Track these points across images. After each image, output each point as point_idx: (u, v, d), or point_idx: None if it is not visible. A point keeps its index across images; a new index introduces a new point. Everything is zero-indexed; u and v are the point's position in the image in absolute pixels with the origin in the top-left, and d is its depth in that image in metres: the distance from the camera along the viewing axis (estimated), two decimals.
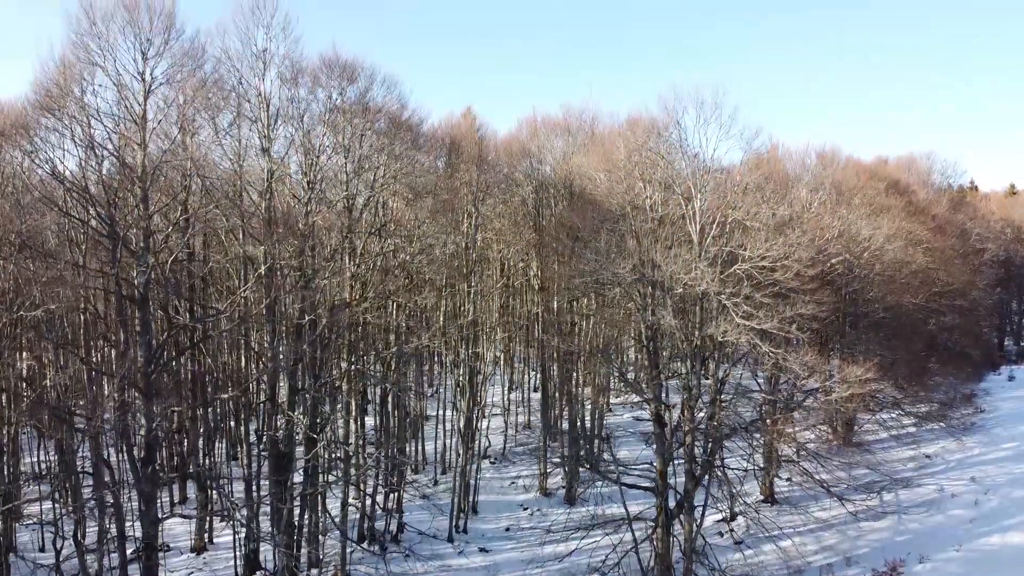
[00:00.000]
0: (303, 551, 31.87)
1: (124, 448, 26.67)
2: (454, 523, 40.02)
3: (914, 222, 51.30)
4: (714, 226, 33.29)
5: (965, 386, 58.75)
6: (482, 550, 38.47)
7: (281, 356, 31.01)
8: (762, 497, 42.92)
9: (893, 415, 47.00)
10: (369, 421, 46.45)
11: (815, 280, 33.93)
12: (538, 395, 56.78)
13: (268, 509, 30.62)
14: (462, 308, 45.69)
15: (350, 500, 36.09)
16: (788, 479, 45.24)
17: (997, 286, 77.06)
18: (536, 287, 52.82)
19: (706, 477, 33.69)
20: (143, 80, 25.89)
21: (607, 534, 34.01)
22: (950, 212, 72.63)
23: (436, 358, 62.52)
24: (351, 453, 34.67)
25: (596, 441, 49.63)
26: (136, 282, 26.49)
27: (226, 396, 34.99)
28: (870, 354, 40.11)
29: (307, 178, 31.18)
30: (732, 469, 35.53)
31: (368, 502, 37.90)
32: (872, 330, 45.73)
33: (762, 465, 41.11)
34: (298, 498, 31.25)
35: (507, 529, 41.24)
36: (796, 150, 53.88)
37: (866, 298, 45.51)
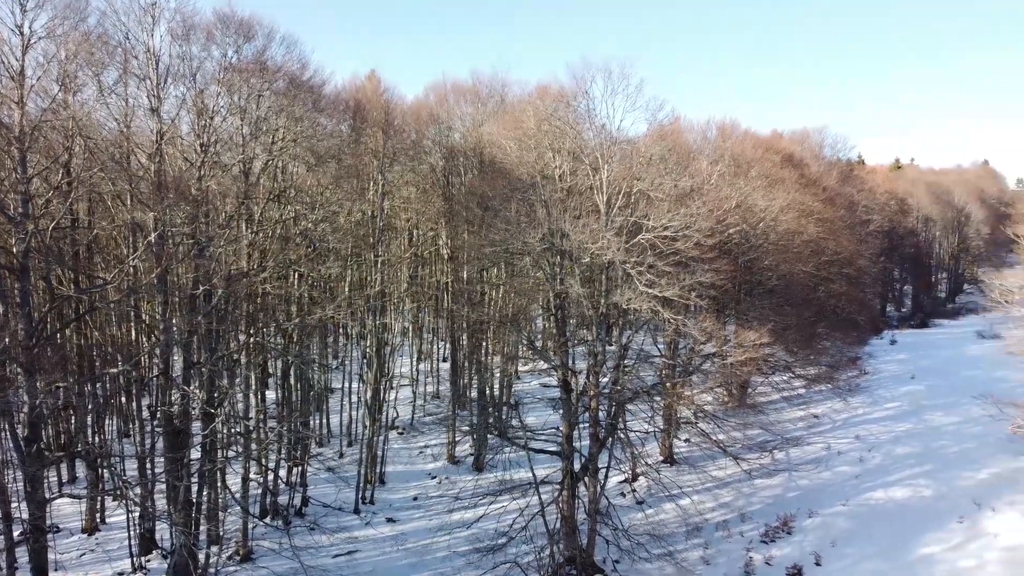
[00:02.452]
0: (202, 528, 30.93)
1: (6, 426, 25.20)
2: (360, 494, 39.70)
3: (806, 194, 53.58)
4: (620, 196, 33.78)
5: (851, 350, 62.14)
6: (389, 520, 38.35)
7: (174, 328, 29.71)
8: (662, 458, 44.48)
9: (784, 378, 49.26)
10: (271, 395, 45.30)
11: (714, 249, 34.97)
12: (447, 365, 56.73)
13: (164, 487, 29.53)
14: (369, 278, 44.87)
15: (251, 475, 35.24)
16: (687, 440, 46.99)
17: (881, 255, 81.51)
18: (446, 256, 52.39)
19: (610, 440, 34.52)
20: (21, 34, 24.41)
21: (515, 499, 34.45)
22: (839, 184, 76.37)
23: (341, 329, 61.40)
24: (251, 428, 33.72)
25: (505, 408, 50.07)
26: (15, 250, 25.06)
27: (115, 371, 33.26)
28: (764, 320, 41.82)
29: (200, 140, 29.70)
30: (634, 431, 36.52)
31: (270, 477, 37.08)
32: (766, 297, 47.63)
33: (662, 427, 42.51)
34: (196, 475, 30.24)
35: (415, 498, 41.24)
36: (698, 123, 55.42)
37: (761, 266, 47.32)
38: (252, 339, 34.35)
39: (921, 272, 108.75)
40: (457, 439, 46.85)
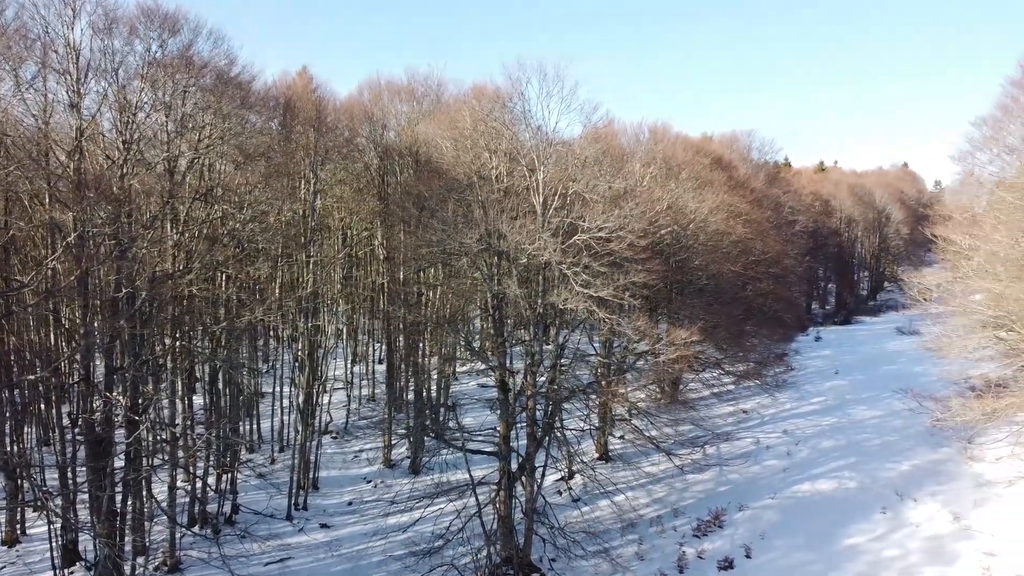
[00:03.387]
0: (127, 539, 29.83)
1: None
2: (293, 501, 38.94)
3: (735, 195, 54.85)
4: (556, 198, 34.04)
5: (778, 347, 63.79)
6: (323, 526, 37.73)
7: (96, 333, 28.53)
8: (597, 455, 45.02)
9: (715, 374, 50.30)
10: (198, 400, 44.01)
11: (646, 250, 35.56)
12: (383, 367, 56.12)
13: (87, 497, 28.39)
14: (300, 279, 43.99)
15: (179, 483, 34.18)
16: (621, 437, 47.67)
17: (806, 255, 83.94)
18: (382, 257, 51.78)
19: (547, 439, 34.77)
20: None
21: (452, 500, 34.41)
22: (766, 186, 78.47)
23: (272, 332, 60.05)
24: (178, 434, 32.71)
25: (442, 410, 49.82)
26: None
27: (34, 377, 31.69)
28: (694, 319, 42.67)
29: (122, 137, 28.62)
30: (570, 430, 36.89)
31: (199, 485, 36.06)
32: (696, 296, 48.59)
33: (598, 425, 43.03)
34: (120, 484, 29.15)
35: (350, 503, 40.68)
36: (631, 125, 56.16)
37: (691, 266, 48.25)
38: (178, 343, 33.30)
39: (844, 271, 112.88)
40: (393, 442, 46.39)
